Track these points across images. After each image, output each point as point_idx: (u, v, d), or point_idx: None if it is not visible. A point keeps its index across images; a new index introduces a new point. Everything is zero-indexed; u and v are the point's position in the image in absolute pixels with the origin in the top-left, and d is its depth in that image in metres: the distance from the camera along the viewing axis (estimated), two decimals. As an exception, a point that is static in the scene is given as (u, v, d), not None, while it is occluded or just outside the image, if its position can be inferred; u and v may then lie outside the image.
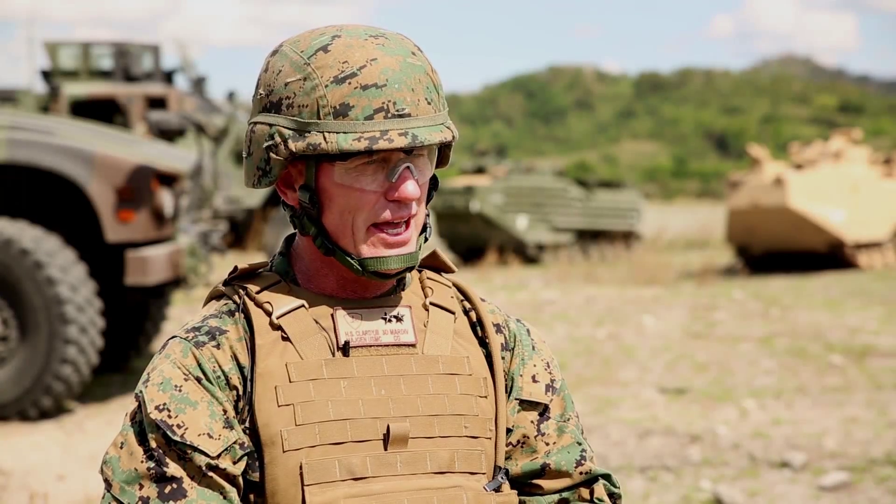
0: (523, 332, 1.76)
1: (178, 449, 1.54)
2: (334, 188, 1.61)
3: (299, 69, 1.60)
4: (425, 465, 1.61)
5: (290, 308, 1.62)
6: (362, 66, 1.58)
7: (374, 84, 1.57)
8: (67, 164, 7.14)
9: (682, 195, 50.70)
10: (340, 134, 1.57)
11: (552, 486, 1.72)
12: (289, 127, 1.59)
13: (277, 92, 1.61)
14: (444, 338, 1.68)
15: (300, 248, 1.69)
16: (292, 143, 1.58)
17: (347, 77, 1.57)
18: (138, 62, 16.70)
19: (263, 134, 1.62)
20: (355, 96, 1.57)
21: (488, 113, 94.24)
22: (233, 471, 1.56)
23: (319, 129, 1.57)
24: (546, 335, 10.65)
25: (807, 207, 16.48)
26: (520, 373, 1.73)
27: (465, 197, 18.98)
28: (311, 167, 1.61)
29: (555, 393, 1.74)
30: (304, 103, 1.59)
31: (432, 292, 1.72)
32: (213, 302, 1.69)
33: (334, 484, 1.57)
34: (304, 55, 1.61)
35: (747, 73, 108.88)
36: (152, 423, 1.55)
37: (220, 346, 1.60)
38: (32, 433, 6.97)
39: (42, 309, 7.01)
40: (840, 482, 5.90)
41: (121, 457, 1.56)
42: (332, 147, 1.56)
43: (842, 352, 9.60)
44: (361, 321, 1.64)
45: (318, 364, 1.60)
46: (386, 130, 1.56)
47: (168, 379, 1.57)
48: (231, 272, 1.68)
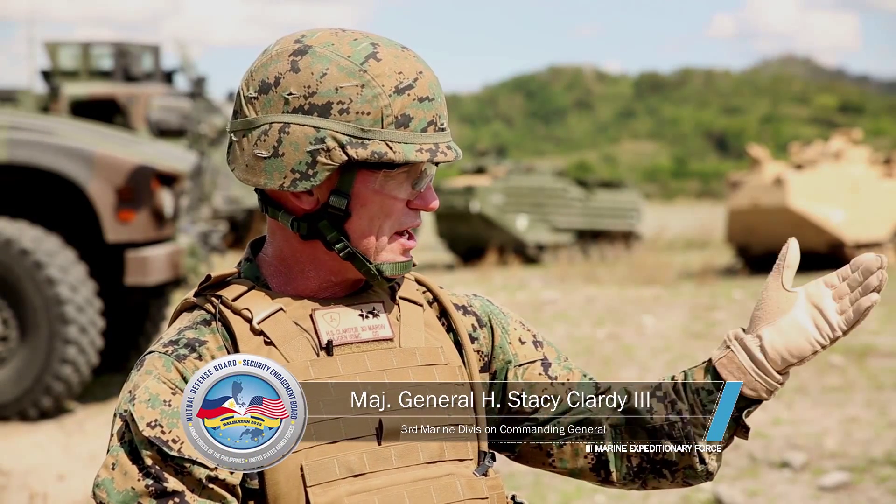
0: (487, 304, 1.82)
1: (175, 464, 1.53)
2: (371, 195, 1.63)
3: (354, 75, 1.60)
4: (418, 456, 1.64)
5: (269, 312, 1.63)
6: (415, 78, 1.62)
7: (427, 97, 1.62)
8: (67, 164, 7.14)
9: (682, 195, 50.72)
10: (405, 144, 1.59)
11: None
12: (346, 133, 1.59)
13: (325, 95, 1.60)
14: (417, 330, 1.71)
15: (278, 253, 1.69)
16: (352, 150, 1.59)
17: (406, 88, 1.60)
18: (138, 62, 16.70)
19: (306, 137, 1.60)
20: (413, 108, 1.60)
21: (488, 113, 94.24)
22: (231, 480, 1.56)
23: (382, 139, 1.59)
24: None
25: (807, 207, 16.49)
26: (508, 341, 1.79)
27: (465, 197, 18.98)
28: (353, 175, 1.62)
29: (542, 345, 1.82)
30: (365, 110, 1.59)
31: (399, 287, 1.75)
32: (184, 314, 1.68)
33: (335, 483, 1.58)
34: (353, 61, 1.61)
35: (747, 73, 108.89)
36: (145, 441, 1.54)
37: (201, 358, 1.59)
38: (32, 433, 6.97)
39: (42, 309, 7.02)
40: (840, 482, 5.90)
41: (114, 478, 1.54)
42: (398, 157, 1.59)
43: (842, 352, 9.60)
44: (339, 319, 1.66)
45: (305, 365, 1.61)
46: (437, 144, 1.62)
47: (155, 395, 1.56)
48: (202, 282, 1.67)
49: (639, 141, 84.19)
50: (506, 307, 1.85)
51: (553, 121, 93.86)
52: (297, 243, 1.67)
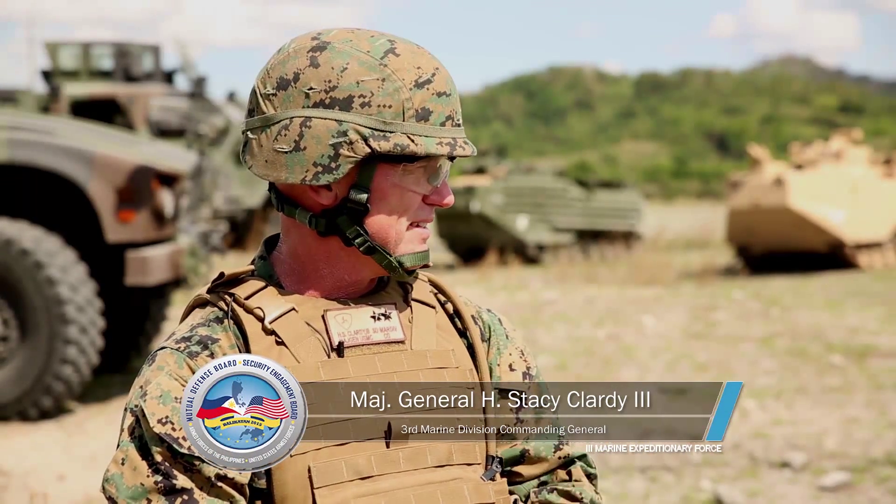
0: (496, 322, 1.81)
1: (184, 461, 1.54)
2: (391, 189, 1.64)
3: (374, 69, 1.61)
4: (426, 459, 1.63)
5: (282, 312, 1.63)
6: (433, 73, 1.63)
7: (444, 92, 1.63)
8: (68, 165, 7.14)
9: (682, 195, 50.70)
10: (425, 137, 1.61)
11: (531, 472, 1.76)
12: (368, 126, 1.60)
13: (346, 89, 1.61)
14: (429, 332, 1.71)
15: (293, 252, 1.69)
16: (374, 143, 1.60)
17: (425, 83, 1.62)
18: (139, 62, 16.71)
19: (329, 130, 1.60)
20: (433, 102, 1.62)
21: (488, 113, 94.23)
22: (240, 480, 1.57)
23: (404, 131, 1.60)
24: (546, 335, 10.66)
25: (807, 207, 16.48)
26: (497, 362, 1.77)
27: (466, 197, 18.97)
28: (373, 168, 1.62)
29: (531, 380, 1.78)
30: (387, 103, 1.60)
31: (412, 289, 1.75)
32: (197, 310, 1.68)
33: (343, 485, 1.58)
34: (373, 56, 1.62)
35: (747, 73, 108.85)
36: (155, 437, 1.54)
37: (213, 355, 1.59)
38: (33, 433, 6.97)
39: (42, 309, 7.01)
40: (840, 482, 5.90)
41: (123, 473, 1.55)
42: (420, 150, 1.60)
43: (842, 352, 9.59)
44: (351, 321, 1.66)
45: (315, 366, 1.61)
46: (455, 138, 1.64)
47: (167, 391, 1.56)
48: (215, 279, 1.68)
49: (639, 141, 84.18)
50: (517, 333, 1.83)
51: (553, 121, 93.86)
52: (312, 241, 1.67)
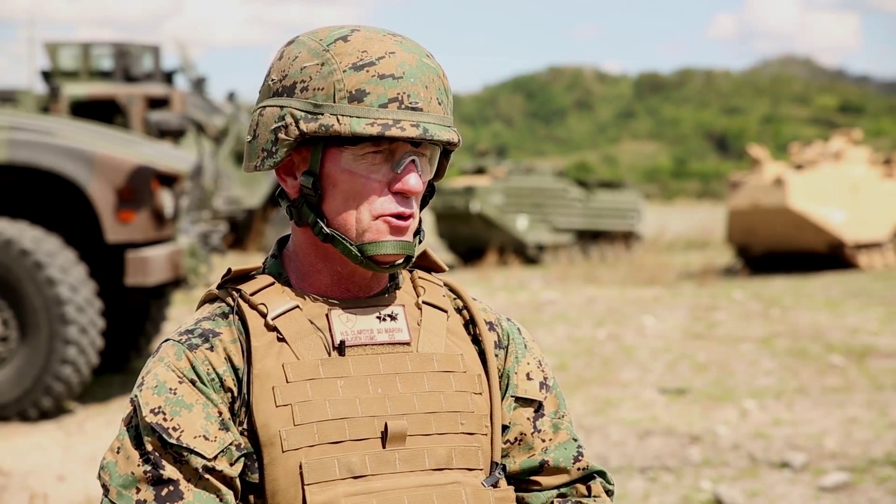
0: (515, 331, 1.79)
1: (174, 452, 1.54)
2: (340, 174, 1.62)
3: (317, 55, 1.62)
4: (423, 462, 1.62)
5: (285, 309, 1.63)
6: (381, 56, 1.60)
7: (391, 75, 1.60)
8: (67, 165, 7.14)
9: (682, 195, 50.72)
10: (354, 118, 1.58)
11: (550, 483, 1.74)
12: (301, 109, 1.61)
13: (292, 76, 1.63)
14: (438, 336, 1.69)
15: (294, 248, 1.70)
16: (304, 124, 1.59)
17: (366, 65, 1.60)
18: (138, 63, 16.70)
19: (273, 116, 1.63)
20: (372, 84, 1.59)
21: (488, 113, 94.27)
22: (229, 472, 1.57)
23: (333, 112, 1.59)
24: (546, 336, 10.66)
25: (807, 208, 16.49)
26: (514, 371, 1.75)
27: (465, 197, 18.97)
28: (318, 152, 1.62)
29: (548, 390, 1.77)
30: (320, 86, 1.60)
31: (424, 291, 1.73)
32: (206, 305, 1.69)
33: (334, 483, 1.57)
34: (322, 42, 1.63)
35: (747, 73, 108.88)
36: (148, 427, 1.55)
37: (213, 349, 1.60)
38: (32, 433, 6.97)
39: (42, 309, 7.01)
40: (840, 482, 5.90)
41: (117, 461, 1.57)
42: (344, 129, 1.58)
43: (842, 352, 9.59)
44: (356, 320, 1.65)
45: (315, 364, 1.61)
46: (399, 120, 1.59)
47: (163, 382, 1.57)
48: (224, 275, 1.69)
49: (639, 141, 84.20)
50: (536, 344, 1.81)
51: (553, 121, 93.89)
52: (303, 236, 1.68)
